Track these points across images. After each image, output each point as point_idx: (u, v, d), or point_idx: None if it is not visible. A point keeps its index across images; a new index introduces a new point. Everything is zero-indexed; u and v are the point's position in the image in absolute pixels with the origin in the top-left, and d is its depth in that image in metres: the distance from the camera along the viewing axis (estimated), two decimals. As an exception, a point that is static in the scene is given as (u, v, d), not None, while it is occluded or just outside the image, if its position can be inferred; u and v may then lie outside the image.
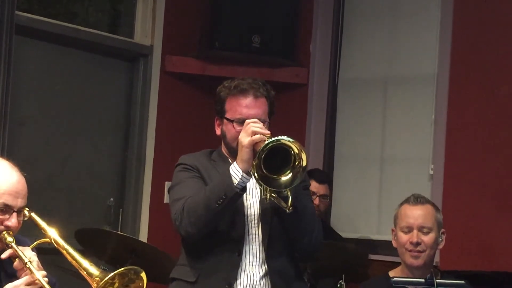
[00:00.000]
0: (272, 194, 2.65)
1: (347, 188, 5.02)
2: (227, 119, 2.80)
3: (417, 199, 3.04)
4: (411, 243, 2.97)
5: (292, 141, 2.57)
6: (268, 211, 2.77)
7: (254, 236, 2.76)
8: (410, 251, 2.98)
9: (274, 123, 2.83)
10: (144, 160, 4.86)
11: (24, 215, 2.47)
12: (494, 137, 4.45)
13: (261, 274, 2.75)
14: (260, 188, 2.73)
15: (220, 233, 2.73)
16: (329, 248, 3.99)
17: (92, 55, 4.74)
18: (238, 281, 2.73)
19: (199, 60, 4.96)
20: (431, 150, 4.69)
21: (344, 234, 4.73)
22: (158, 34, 4.89)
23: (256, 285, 2.74)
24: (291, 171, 2.58)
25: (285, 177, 2.58)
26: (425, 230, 2.99)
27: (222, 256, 2.73)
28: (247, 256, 2.75)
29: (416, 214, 3.00)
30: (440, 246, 3.07)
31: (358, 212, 5.00)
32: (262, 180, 2.57)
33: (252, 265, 2.75)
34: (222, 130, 2.84)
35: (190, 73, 4.98)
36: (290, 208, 2.62)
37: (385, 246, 4.39)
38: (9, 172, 2.44)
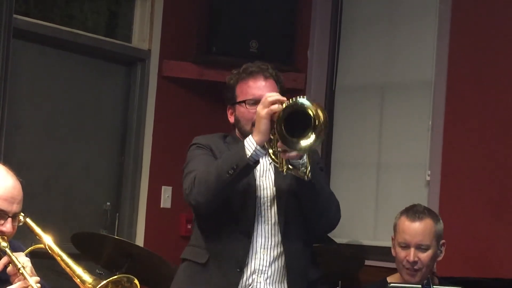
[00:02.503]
0: (289, 166, 2.60)
1: (344, 194, 5.00)
2: (239, 103, 2.80)
3: (415, 214, 2.95)
4: (408, 261, 2.94)
5: (309, 103, 2.54)
6: (283, 193, 2.75)
7: (266, 218, 2.74)
8: (407, 268, 2.94)
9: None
10: (141, 164, 4.85)
11: (19, 220, 2.46)
12: (491, 143, 4.45)
13: (273, 258, 2.74)
14: (275, 165, 2.69)
15: (231, 215, 2.72)
16: (325, 254, 3.99)
17: (89, 59, 4.74)
18: (248, 265, 2.71)
19: (196, 65, 4.96)
20: (428, 156, 4.69)
21: (340, 240, 4.72)
22: (156, 38, 4.89)
23: (266, 269, 2.72)
24: (313, 132, 2.53)
25: (309, 140, 2.53)
26: (423, 247, 2.93)
27: (233, 239, 2.72)
28: (258, 239, 2.73)
29: (414, 231, 2.93)
30: (439, 258, 3.02)
31: (355, 218, 4.99)
32: (285, 142, 2.51)
33: (264, 248, 2.73)
34: (235, 116, 2.83)
35: (188, 78, 4.98)
36: (309, 175, 2.58)
37: (382, 252, 4.39)
38: (5, 177, 2.43)
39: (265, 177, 2.78)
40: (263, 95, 2.67)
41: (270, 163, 2.79)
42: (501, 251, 4.32)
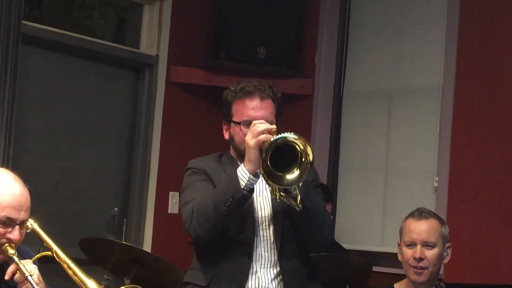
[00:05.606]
0: (281, 193, 2.64)
1: (351, 200, 5.01)
2: (234, 122, 2.82)
3: (421, 214, 2.99)
4: (414, 258, 2.95)
5: (297, 137, 2.56)
6: (279, 212, 2.77)
7: (265, 238, 2.77)
8: (414, 267, 2.96)
9: (277, 132, 2.83)
10: (149, 170, 4.86)
11: (27, 227, 2.46)
12: (499, 149, 4.44)
13: (273, 276, 2.76)
14: (270, 189, 2.73)
15: (230, 236, 2.74)
16: (333, 260, 3.98)
17: (97, 65, 4.76)
18: (249, 284, 2.73)
19: (204, 70, 4.97)
20: (435, 163, 4.68)
21: (347, 246, 4.72)
22: (164, 44, 4.90)
23: (267, 287, 2.74)
24: (298, 168, 2.57)
25: (292, 175, 2.57)
26: (428, 245, 2.94)
27: (232, 260, 2.74)
28: (258, 259, 2.75)
29: (420, 229, 2.95)
30: (445, 261, 3.03)
31: (362, 224, 4.99)
32: (269, 177, 2.56)
33: (263, 268, 2.76)
34: (230, 134, 2.86)
35: (195, 84, 4.99)
36: (300, 206, 2.62)
37: (389, 258, 4.38)
38: (13, 184, 2.42)
39: (262, 196, 2.82)
40: (258, 117, 2.73)
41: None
42: (509, 257, 4.31)
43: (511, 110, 4.43)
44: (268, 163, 2.55)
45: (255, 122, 2.67)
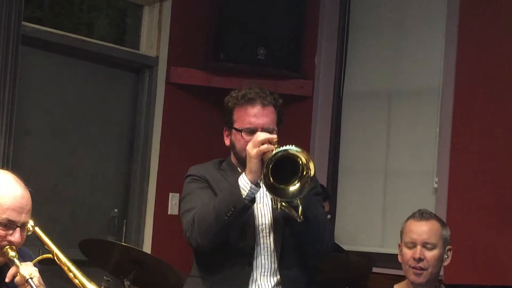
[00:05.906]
0: (283, 204, 2.65)
1: (351, 201, 5.01)
2: (236, 129, 2.81)
3: (422, 215, 3.00)
4: (413, 259, 2.96)
5: (300, 151, 2.57)
6: (280, 220, 2.77)
7: (265, 245, 2.76)
8: (413, 268, 2.96)
9: (278, 136, 2.83)
10: (149, 171, 4.86)
11: (28, 229, 2.46)
12: (499, 150, 4.44)
13: (273, 284, 2.76)
14: (270, 197, 2.74)
15: (231, 245, 2.74)
16: (333, 261, 3.99)
17: (97, 66, 4.76)
18: None
19: (204, 71, 4.97)
20: (435, 164, 4.69)
21: (347, 247, 4.71)
22: (164, 45, 4.90)
23: None
24: (299, 181, 2.57)
25: (293, 187, 2.58)
26: (429, 246, 2.95)
27: (233, 268, 2.74)
28: (258, 267, 2.75)
29: (420, 229, 2.96)
30: (445, 263, 3.03)
31: (362, 225, 4.99)
32: (270, 190, 2.57)
33: (264, 276, 2.75)
34: (231, 140, 2.85)
35: (195, 85, 4.99)
36: (301, 217, 2.62)
37: (389, 260, 4.38)
38: (14, 186, 2.42)
39: (262, 203, 2.81)
40: (259, 124, 2.74)
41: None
42: (509, 258, 4.31)
43: (511, 110, 4.43)
44: (270, 177, 2.56)
45: (258, 133, 2.67)
